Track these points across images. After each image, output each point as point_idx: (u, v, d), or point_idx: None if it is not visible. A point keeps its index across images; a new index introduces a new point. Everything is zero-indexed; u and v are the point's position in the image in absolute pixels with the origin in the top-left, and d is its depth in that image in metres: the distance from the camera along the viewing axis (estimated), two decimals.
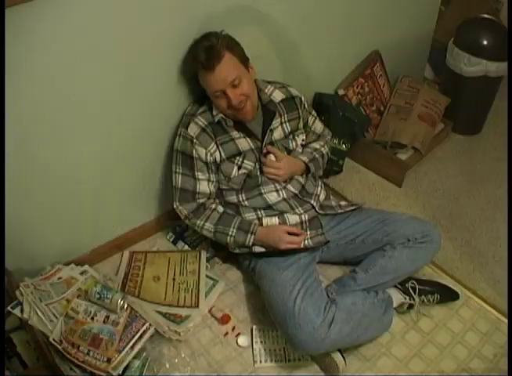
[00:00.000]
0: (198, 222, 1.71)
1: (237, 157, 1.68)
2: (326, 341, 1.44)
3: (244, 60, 1.61)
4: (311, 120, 1.90)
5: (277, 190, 1.73)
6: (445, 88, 2.63)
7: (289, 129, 1.78)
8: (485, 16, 2.50)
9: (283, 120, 1.76)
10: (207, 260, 1.88)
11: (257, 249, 1.69)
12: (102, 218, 1.84)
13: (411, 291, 1.69)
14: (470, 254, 1.95)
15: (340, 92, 2.29)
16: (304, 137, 1.86)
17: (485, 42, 2.35)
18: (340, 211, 1.80)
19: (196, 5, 1.57)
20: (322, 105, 2.18)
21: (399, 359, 1.60)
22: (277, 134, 1.75)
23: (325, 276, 1.82)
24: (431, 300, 1.71)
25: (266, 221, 1.70)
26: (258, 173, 1.72)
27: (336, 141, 2.19)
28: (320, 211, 1.77)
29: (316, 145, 1.91)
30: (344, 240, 1.76)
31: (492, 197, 2.23)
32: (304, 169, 1.82)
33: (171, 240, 1.99)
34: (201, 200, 1.71)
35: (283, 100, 1.76)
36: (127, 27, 1.46)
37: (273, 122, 1.72)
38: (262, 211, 1.72)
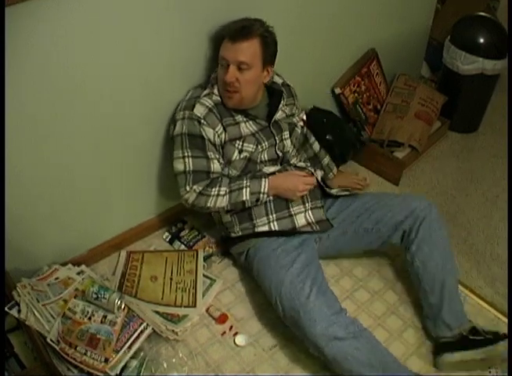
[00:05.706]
0: (213, 190, 1.65)
1: (237, 141, 1.68)
2: (335, 342, 1.40)
3: (267, 60, 1.63)
4: (310, 138, 2.00)
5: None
6: (441, 86, 2.64)
7: (287, 112, 1.82)
8: (482, 14, 2.50)
9: (283, 102, 1.80)
10: (204, 259, 1.88)
11: (260, 229, 1.69)
12: (99, 217, 1.84)
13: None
14: (467, 253, 1.96)
15: (337, 90, 2.29)
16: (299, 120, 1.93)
17: (482, 40, 2.36)
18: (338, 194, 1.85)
19: (193, 7, 1.58)
20: (312, 119, 2.08)
21: (397, 357, 1.59)
22: (279, 114, 1.78)
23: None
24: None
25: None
26: (259, 156, 1.72)
27: None
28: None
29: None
30: (337, 231, 1.74)
31: (489, 195, 2.24)
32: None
33: (167, 239, 1.99)
34: (214, 177, 1.69)
35: (283, 85, 1.83)
36: (127, 24, 1.46)
37: (281, 102, 1.76)
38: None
